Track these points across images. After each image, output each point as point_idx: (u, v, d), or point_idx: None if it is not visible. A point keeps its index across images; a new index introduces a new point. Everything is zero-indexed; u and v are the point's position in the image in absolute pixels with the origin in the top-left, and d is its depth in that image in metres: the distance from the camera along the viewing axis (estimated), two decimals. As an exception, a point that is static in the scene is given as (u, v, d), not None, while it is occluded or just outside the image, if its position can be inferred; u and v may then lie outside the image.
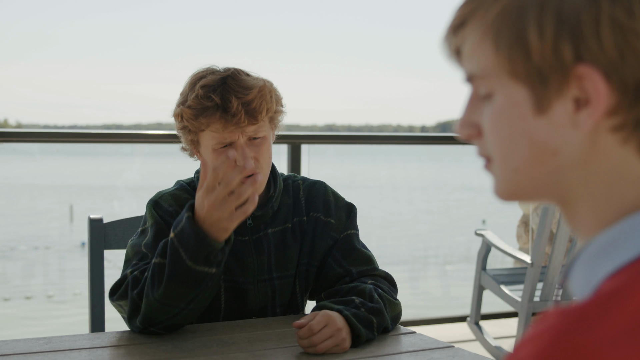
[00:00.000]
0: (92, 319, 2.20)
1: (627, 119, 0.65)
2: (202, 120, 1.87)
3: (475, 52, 0.71)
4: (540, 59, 0.66)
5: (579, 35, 0.64)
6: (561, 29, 0.65)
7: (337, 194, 2.09)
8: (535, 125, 0.68)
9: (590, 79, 0.65)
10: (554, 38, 0.65)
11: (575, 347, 0.57)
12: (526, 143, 0.69)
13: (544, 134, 0.68)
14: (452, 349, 1.79)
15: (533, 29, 0.66)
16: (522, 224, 5.76)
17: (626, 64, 0.63)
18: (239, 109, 1.84)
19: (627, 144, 0.66)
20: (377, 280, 1.97)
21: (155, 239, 1.88)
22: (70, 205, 28.09)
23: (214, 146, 1.90)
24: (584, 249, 0.67)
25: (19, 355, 1.70)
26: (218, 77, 1.88)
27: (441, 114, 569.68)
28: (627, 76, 0.64)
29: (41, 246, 20.54)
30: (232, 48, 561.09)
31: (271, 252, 1.99)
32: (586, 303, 0.60)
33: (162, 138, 4.02)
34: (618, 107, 0.65)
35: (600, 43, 0.64)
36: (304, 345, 1.73)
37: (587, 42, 0.64)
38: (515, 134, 0.69)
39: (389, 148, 6.25)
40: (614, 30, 0.63)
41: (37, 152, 52.82)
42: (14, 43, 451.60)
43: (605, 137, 0.66)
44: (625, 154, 0.66)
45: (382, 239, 21.19)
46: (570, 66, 0.65)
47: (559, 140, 0.67)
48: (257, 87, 1.88)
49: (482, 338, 4.04)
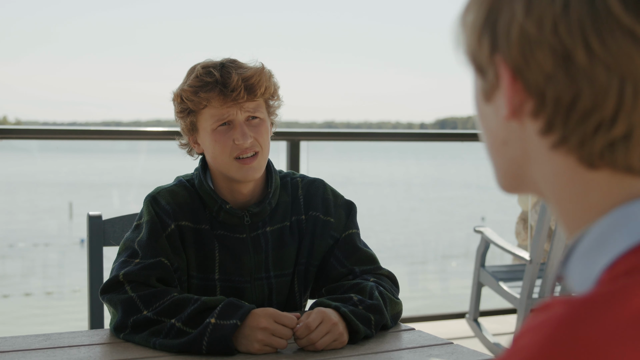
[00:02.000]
0: (91, 315, 2.21)
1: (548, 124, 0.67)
2: (202, 95, 1.90)
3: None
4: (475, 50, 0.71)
5: (495, 34, 0.68)
6: (486, 24, 0.69)
7: (336, 192, 2.09)
8: (486, 111, 0.73)
9: (500, 69, 0.68)
10: (480, 31, 0.70)
11: (578, 338, 0.57)
12: (485, 128, 0.74)
13: (493, 122, 0.72)
14: (451, 345, 1.79)
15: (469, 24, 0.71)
16: (521, 221, 5.76)
17: (530, 70, 0.66)
18: (239, 83, 1.89)
19: (557, 149, 0.67)
20: (379, 279, 1.97)
21: (150, 238, 1.89)
22: (69, 202, 28.10)
23: (212, 126, 1.92)
24: (577, 244, 0.68)
25: (18, 352, 1.70)
26: (217, 61, 1.95)
27: (440, 111, 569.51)
28: (531, 82, 0.66)
29: (40, 243, 20.56)
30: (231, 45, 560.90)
31: (269, 251, 1.99)
32: (590, 294, 0.60)
33: (161, 135, 4.02)
34: (537, 111, 0.67)
35: (509, 46, 0.67)
36: (303, 344, 1.73)
37: (499, 41, 0.68)
38: (479, 117, 0.75)
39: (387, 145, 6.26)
40: (522, 38, 0.66)
41: (37, 149, 52.81)
42: (14, 40, 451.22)
43: (536, 139, 0.69)
44: (562, 159, 0.68)
45: (381, 235, 21.20)
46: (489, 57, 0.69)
47: (504, 130, 0.71)
48: (255, 67, 1.94)
49: (480, 335, 4.05)
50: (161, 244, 1.89)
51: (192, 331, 1.74)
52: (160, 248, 1.89)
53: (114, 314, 1.85)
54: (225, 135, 1.92)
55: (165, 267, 1.87)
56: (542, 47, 0.65)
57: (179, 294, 1.81)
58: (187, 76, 1.96)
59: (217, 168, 1.97)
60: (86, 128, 4.24)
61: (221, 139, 1.92)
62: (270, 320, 1.73)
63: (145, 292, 1.81)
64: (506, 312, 4.84)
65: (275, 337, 1.72)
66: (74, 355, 1.69)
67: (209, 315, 1.74)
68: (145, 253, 1.87)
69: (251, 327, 1.72)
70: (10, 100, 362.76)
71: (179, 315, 1.76)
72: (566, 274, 0.69)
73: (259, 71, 1.93)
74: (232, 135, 1.92)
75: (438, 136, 5.16)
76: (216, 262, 1.95)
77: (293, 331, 1.74)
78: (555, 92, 0.65)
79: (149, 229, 1.90)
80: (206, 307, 1.76)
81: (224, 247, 1.95)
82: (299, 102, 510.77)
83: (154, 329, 1.77)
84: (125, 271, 1.85)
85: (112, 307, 1.84)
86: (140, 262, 1.86)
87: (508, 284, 3.89)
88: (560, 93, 0.65)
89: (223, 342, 1.71)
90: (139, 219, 1.96)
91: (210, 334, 1.71)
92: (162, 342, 1.75)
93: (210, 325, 1.72)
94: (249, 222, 1.98)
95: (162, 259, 1.87)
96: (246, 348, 1.73)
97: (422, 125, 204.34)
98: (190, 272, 1.94)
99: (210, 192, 1.95)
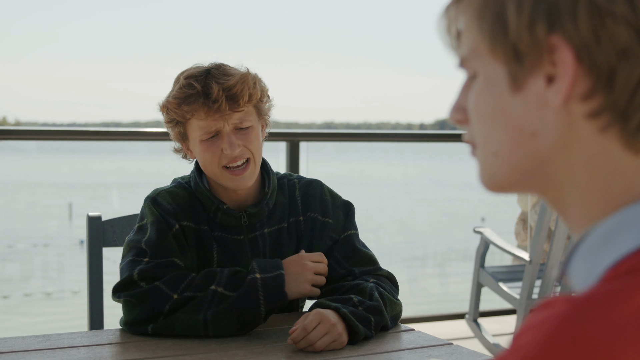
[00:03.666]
0: (91, 316, 2.20)
1: (602, 106, 0.64)
2: (185, 108, 1.89)
3: (465, 33, 0.71)
4: (516, 36, 0.66)
5: (556, 14, 0.63)
6: (538, 6, 0.64)
7: (334, 193, 2.08)
8: (511, 104, 0.68)
9: (560, 51, 0.64)
10: (531, 15, 0.64)
11: (580, 336, 0.57)
12: (504, 123, 0.68)
13: (521, 113, 0.67)
14: (450, 346, 1.79)
15: (512, 5, 0.66)
16: (521, 222, 5.76)
17: (600, 47, 0.62)
18: (220, 94, 1.86)
19: (605, 132, 0.64)
20: (379, 280, 1.97)
21: (159, 237, 1.88)
22: (69, 202, 28.10)
23: (200, 137, 1.91)
24: (582, 241, 0.67)
25: (17, 352, 1.70)
26: (202, 69, 1.92)
27: (440, 112, 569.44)
28: (600, 61, 0.63)
29: (40, 244, 20.56)
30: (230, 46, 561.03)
31: (267, 252, 1.99)
32: (593, 292, 0.60)
33: (161, 136, 4.01)
34: (592, 92, 0.64)
35: (575, 24, 0.63)
36: (302, 345, 1.72)
37: (563, 22, 0.63)
38: (494, 113, 0.69)
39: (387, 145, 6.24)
40: (591, 12, 0.62)
41: (36, 150, 52.81)
42: (14, 40, 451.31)
43: (581, 123, 0.65)
44: (605, 143, 0.65)
45: (381, 236, 21.20)
46: (543, 41, 0.64)
47: (535, 120, 0.67)
48: (238, 74, 1.90)
49: (480, 335, 4.05)
50: (170, 242, 1.88)
51: (235, 293, 1.79)
52: (171, 247, 1.88)
53: (133, 310, 1.82)
54: (213, 145, 1.91)
55: (179, 267, 1.86)
56: (616, 19, 0.62)
57: (194, 274, 1.84)
58: (173, 85, 1.95)
59: (208, 176, 1.97)
60: (85, 129, 4.23)
61: (210, 149, 1.91)
62: (306, 261, 1.87)
63: (167, 278, 1.82)
64: (506, 312, 4.84)
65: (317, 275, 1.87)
66: (73, 355, 1.69)
67: (249, 273, 1.81)
68: (155, 252, 1.86)
69: (294, 272, 1.85)
70: (10, 100, 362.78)
71: (216, 282, 1.81)
72: (569, 270, 0.68)
73: (242, 79, 1.89)
74: (221, 145, 1.91)
75: (437, 137, 5.15)
76: (214, 263, 1.94)
77: (289, 334, 1.74)
78: (627, 68, 0.62)
79: (157, 228, 1.89)
80: (236, 270, 1.84)
81: (222, 249, 1.95)
82: (298, 103, 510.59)
83: (193, 305, 1.78)
84: (140, 269, 1.84)
85: (134, 301, 1.82)
86: (152, 261, 1.85)
87: (508, 285, 3.89)
88: (632, 69, 0.62)
89: (279, 291, 1.80)
90: (140, 221, 1.95)
91: (263, 286, 1.79)
92: (214, 310, 1.78)
93: (258, 281, 1.80)
94: (246, 223, 1.98)
95: (174, 259, 1.87)
96: (298, 291, 1.85)
97: (421, 125, 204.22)
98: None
99: (207, 193, 1.95)
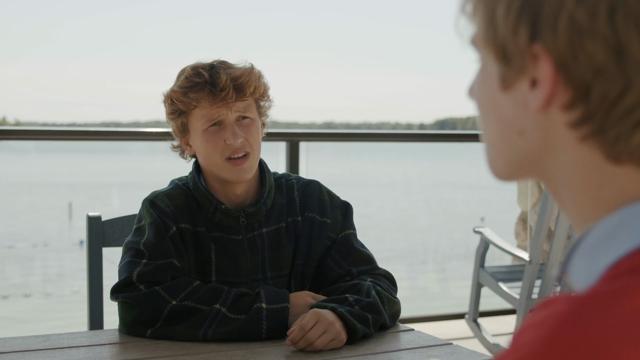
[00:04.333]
0: (91, 316, 2.21)
1: (581, 118, 0.64)
2: (191, 96, 1.91)
3: (472, 17, 0.71)
4: (503, 37, 0.67)
5: (538, 23, 0.64)
6: (524, 11, 0.65)
7: (332, 193, 2.09)
8: (501, 100, 0.69)
9: (541, 61, 0.65)
10: (517, 18, 0.65)
11: (580, 335, 0.56)
12: (497, 118, 0.70)
13: (509, 111, 0.69)
14: (450, 346, 1.80)
15: (502, 6, 0.66)
16: (520, 221, 5.76)
17: (577, 63, 0.63)
18: (227, 83, 1.90)
19: (586, 142, 0.65)
20: (377, 279, 1.98)
21: (157, 239, 1.89)
22: (69, 203, 28.10)
23: (203, 126, 1.94)
24: (582, 240, 0.67)
25: (17, 352, 1.70)
26: (207, 63, 1.97)
27: (439, 112, 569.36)
28: (576, 76, 0.63)
29: (40, 244, 20.55)
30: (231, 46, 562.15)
31: (265, 252, 1.99)
32: (592, 292, 0.60)
33: (161, 136, 4.02)
34: (572, 104, 0.64)
35: (555, 37, 0.63)
36: (301, 345, 1.73)
37: (543, 32, 0.64)
38: (490, 106, 0.71)
39: (387, 145, 6.24)
40: (571, 28, 0.62)
41: (36, 150, 52.81)
42: (14, 41, 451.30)
43: (563, 130, 0.66)
44: (588, 151, 0.66)
45: (380, 236, 21.20)
46: (526, 46, 0.65)
47: (522, 120, 0.68)
48: (244, 67, 1.96)
49: (480, 335, 4.05)
50: (168, 244, 1.90)
51: (239, 317, 1.80)
52: (169, 249, 1.89)
53: (131, 312, 1.83)
54: (216, 135, 1.93)
55: (177, 269, 1.88)
56: (594, 38, 0.62)
57: (199, 283, 1.86)
58: (177, 78, 1.98)
59: (209, 169, 1.97)
60: (85, 129, 4.24)
61: (212, 139, 1.93)
62: (310, 298, 1.88)
63: (167, 284, 1.84)
64: (506, 312, 4.84)
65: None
66: (73, 356, 1.69)
67: (255, 301, 1.82)
68: (154, 254, 1.87)
69: (299, 305, 1.85)
70: (10, 101, 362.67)
71: (220, 301, 1.82)
72: (569, 269, 0.68)
73: (248, 71, 1.95)
74: (223, 135, 1.93)
75: (437, 137, 5.16)
76: (213, 263, 1.95)
77: (287, 335, 1.75)
78: (602, 86, 0.62)
79: (155, 230, 1.90)
80: (242, 293, 1.85)
81: (220, 249, 1.96)
82: (298, 103, 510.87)
83: (194, 320, 1.80)
84: (139, 271, 1.85)
85: (132, 303, 1.83)
86: (151, 263, 1.86)
87: (507, 285, 3.89)
88: (607, 87, 0.62)
89: (282, 323, 1.81)
90: (138, 222, 1.95)
91: (267, 317, 1.81)
92: (215, 330, 1.79)
93: (263, 311, 1.81)
94: (244, 222, 1.98)
95: (173, 261, 1.88)
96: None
97: (421, 125, 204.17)
98: (190, 274, 1.94)
99: (206, 193, 1.96)
